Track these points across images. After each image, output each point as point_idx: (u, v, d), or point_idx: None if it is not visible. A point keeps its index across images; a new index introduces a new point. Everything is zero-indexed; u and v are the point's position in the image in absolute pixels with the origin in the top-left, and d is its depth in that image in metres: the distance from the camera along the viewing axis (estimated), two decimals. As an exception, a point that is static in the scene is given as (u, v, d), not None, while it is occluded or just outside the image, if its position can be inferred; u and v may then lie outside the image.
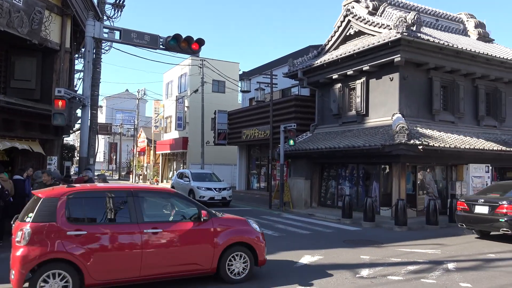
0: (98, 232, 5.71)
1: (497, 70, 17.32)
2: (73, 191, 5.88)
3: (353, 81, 17.26)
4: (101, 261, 5.61)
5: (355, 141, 15.21)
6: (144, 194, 6.46)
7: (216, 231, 6.45)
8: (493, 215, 10.31)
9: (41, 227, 5.40)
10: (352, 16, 17.76)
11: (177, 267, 6.16)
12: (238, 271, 6.56)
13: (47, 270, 5.35)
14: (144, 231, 5.93)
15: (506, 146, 16.00)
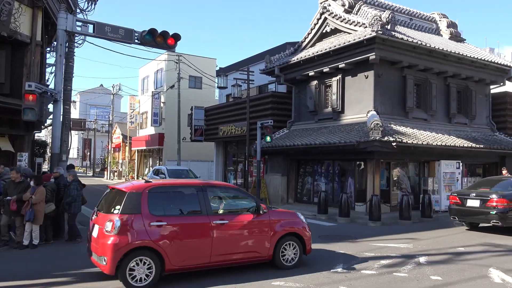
0: (176, 223, 6.37)
1: (468, 69, 17.80)
2: (152, 185, 6.55)
3: (329, 78, 17.43)
4: (179, 249, 6.27)
5: (331, 138, 15.38)
6: (211, 188, 7.13)
7: (272, 223, 7.20)
8: (484, 208, 11.01)
9: (129, 218, 6.06)
10: (328, 14, 17.90)
11: (240, 255, 6.89)
12: (289, 259, 7.32)
13: (134, 257, 5.98)
14: (213, 222, 6.61)
15: (476, 143, 16.48)
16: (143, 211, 6.18)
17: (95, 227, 6.43)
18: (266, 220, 7.15)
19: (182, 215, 6.61)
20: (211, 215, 6.69)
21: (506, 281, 6.67)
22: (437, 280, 6.70)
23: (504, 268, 7.46)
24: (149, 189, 6.42)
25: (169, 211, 6.51)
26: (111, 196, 6.70)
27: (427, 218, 13.84)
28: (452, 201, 12.06)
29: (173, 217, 6.43)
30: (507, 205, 10.72)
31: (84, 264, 7.44)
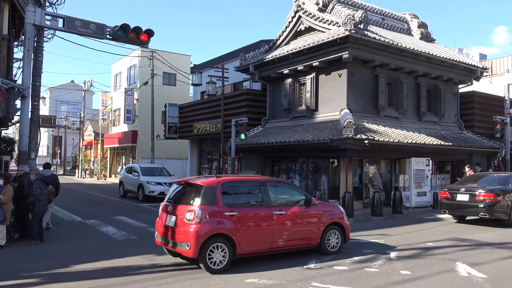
0: (245, 213, 7.32)
1: (438, 68, 18.28)
2: (224, 180, 7.52)
3: (304, 77, 17.56)
4: (247, 236, 7.18)
5: (305, 136, 15.51)
6: (270, 183, 8.08)
7: (320, 213, 8.22)
8: (473, 202, 12.14)
9: (207, 209, 6.93)
10: (302, 12, 18.02)
11: (295, 241, 7.86)
12: (333, 245, 8.34)
13: (212, 243, 6.85)
14: (274, 213, 7.57)
15: (445, 140, 16.96)
16: (218, 202, 7.09)
17: (170, 218, 7.25)
18: (315, 211, 8.18)
19: (248, 206, 7.60)
20: (272, 206, 7.65)
21: (472, 274, 6.91)
22: (406, 275, 6.87)
23: (470, 261, 7.72)
24: (222, 183, 7.35)
25: (238, 202, 7.50)
26: (186, 190, 7.64)
27: (398, 214, 14.17)
28: (443, 196, 13.08)
29: (241, 208, 7.41)
30: (494, 199, 11.85)
31: (54, 264, 7.28)
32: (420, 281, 6.56)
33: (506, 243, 9.57)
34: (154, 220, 12.75)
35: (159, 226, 7.62)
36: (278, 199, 8.03)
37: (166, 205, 7.66)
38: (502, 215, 12.04)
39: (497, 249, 8.98)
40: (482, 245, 9.34)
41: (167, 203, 7.67)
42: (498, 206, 11.89)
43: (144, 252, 8.37)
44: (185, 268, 7.21)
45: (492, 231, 11.31)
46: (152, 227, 11.36)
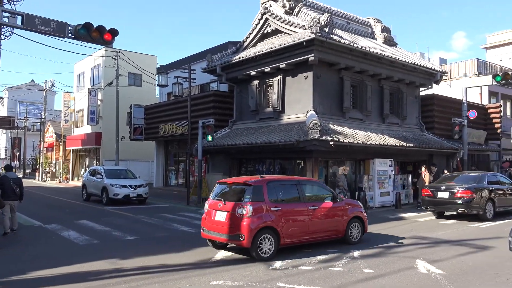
0: (286, 208, 8.38)
1: (400, 72, 18.86)
2: (269, 179, 8.69)
3: (270, 78, 17.69)
4: (289, 228, 8.24)
5: (272, 137, 15.62)
6: (304, 182, 9.38)
7: (345, 208, 9.37)
8: (452, 199, 13.42)
9: (257, 205, 7.95)
10: (269, 15, 18.15)
11: (325, 233, 9.00)
12: (355, 236, 9.47)
13: (262, 234, 7.84)
14: (308, 208, 8.68)
15: (407, 142, 17.50)
16: (265, 199, 8.12)
17: (221, 214, 8.18)
18: (341, 207, 9.31)
19: (288, 202, 8.63)
20: (306, 202, 8.77)
21: (431, 271, 7.16)
22: (369, 273, 7.04)
23: (429, 259, 8.00)
24: (267, 183, 8.44)
25: (280, 199, 8.56)
26: (235, 189, 8.61)
27: (362, 214, 14.45)
28: (425, 194, 14.32)
29: (283, 204, 8.46)
30: (471, 196, 13.16)
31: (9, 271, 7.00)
32: (382, 279, 6.74)
33: (463, 240, 9.97)
34: (119, 223, 12.56)
35: (206, 222, 8.56)
36: (311, 196, 9.16)
37: (214, 202, 8.55)
38: (478, 210, 13.29)
39: (455, 246, 9.34)
40: (441, 243, 9.69)
41: (216, 200, 8.56)
42: (474, 202, 13.15)
43: (107, 257, 8.18)
44: (149, 272, 7.10)
45: (450, 229, 11.75)
46: (116, 231, 11.15)
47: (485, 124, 24.27)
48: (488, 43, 41.10)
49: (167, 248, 9.05)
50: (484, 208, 13.34)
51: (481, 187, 13.57)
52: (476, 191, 13.30)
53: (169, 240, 10.17)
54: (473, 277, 6.80)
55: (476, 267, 7.46)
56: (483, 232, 11.36)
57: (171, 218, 13.81)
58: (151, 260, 7.92)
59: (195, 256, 8.27)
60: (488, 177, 14.39)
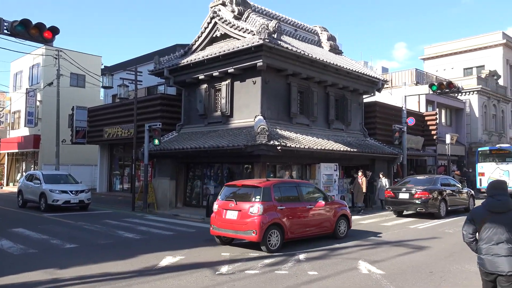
0: (289, 207, 9.62)
1: (344, 79, 19.54)
2: (275, 182, 9.99)
3: (219, 83, 17.67)
4: (291, 224, 9.46)
5: (220, 141, 15.59)
6: (301, 184, 10.86)
7: (334, 207, 10.74)
8: (412, 199, 15.08)
9: (266, 204, 9.06)
10: (218, 19, 18.15)
11: (319, 229, 10.28)
12: (343, 231, 10.87)
13: (270, 230, 8.98)
14: (306, 207, 9.97)
15: (351, 147, 18.13)
16: (272, 199, 9.29)
17: (232, 212, 9.30)
18: (331, 206, 10.61)
19: (290, 201, 9.82)
20: (304, 201, 10.07)
21: (372, 271, 7.45)
22: (313, 275, 7.20)
23: (370, 259, 8.32)
24: (273, 184, 9.65)
25: (284, 199, 9.68)
26: (244, 190, 9.74)
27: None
28: (387, 195, 16.03)
29: (287, 203, 9.66)
30: (428, 196, 14.85)
31: None
32: (326, 280, 6.92)
33: (402, 241, 10.47)
34: (58, 231, 11.96)
35: (216, 220, 9.58)
36: (308, 196, 10.42)
37: (225, 202, 9.59)
38: (434, 209, 15.03)
39: (395, 247, 9.78)
40: (382, 244, 10.12)
41: (226, 201, 9.58)
42: (430, 202, 14.90)
43: (44, 266, 7.75)
44: (90, 281, 6.81)
45: (391, 231, 12.30)
46: (55, 239, 10.61)
47: (422, 130, 25.70)
48: (426, 54, 43.64)
49: (109, 255, 8.74)
50: (439, 207, 15.11)
51: (435, 189, 15.32)
52: (431, 192, 15.00)
53: (112, 247, 9.83)
54: (410, 276, 7.16)
55: (414, 266, 7.86)
56: (421, 233, 11.99)
57: (115, 225, 13.36)
58: (92, 269, 7.61)
59: (140, 263, 8.06)
60: (441, 180, 16.43)
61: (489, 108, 35.40)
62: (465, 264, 7.99)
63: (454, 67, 40.66)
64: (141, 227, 12.94)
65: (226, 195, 9.83)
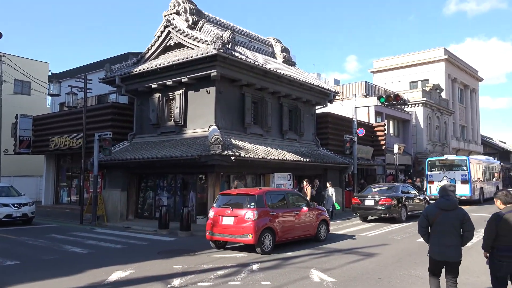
0: (279, 212, 10.58)
1: (298, 90, 19.94)
2: (267, 190, 11.16)
3: (173, 92, 17.47)
4: (281, 228, 10.47)
5: (173, 152, 15.37)
6: (288, 192, 12.15)
7: (316, 213, 11.83)
8: (377, 206, 16.50)
9: (260, 210, 9.99)
10: (172, 28, 18.00)
11: (303, 232, 11.36)
12: (323, 235, 12.02)
13: (264, 233, 9.95)
14: (293, 212, 11.03)
15: (304, 157, 18.46)
16: (265, 205, 10.29)
17: (227, 218, 10.23)
18: (313, 212, 11.72)
19: (280, 208, 10.81)
20: (292, 208, 11.17)
21: (323, 279, 7.57)
22: (267, 285, 7.22)
23: (323, 268, 8.46)
24: (266, 192, 10.76)
25: (274, 205, 10.70)
26: (239, 198, 10.67)
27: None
28: (354, 202, 17.32)
29: (277, 209, 10.66)
30: (390, 203, 16.33)
31: None
32: (279, 290, 6.96)
33: (353, 249, 10.74)
34: (-4, 247, 11.22)
35: (212, 226, 10.42)
36: (294, 203, 11.46)
37: (221, 209, 10.47)
38: (396, 214, 16.47)
39: (346, 254, 10.02)
40: (334, 252, 10.32)
41: (222, 208, 10.46)
42: (393, 207, 16.36)
43: (-19, 285, 7.26)
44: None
45: (341, 239, 12.57)
46: (-6, 256, 9.96)
47: (372, 141, 26.66)
48: (375, 67, 45.51)
49: (54, 272, 8.31)
50: (400, 212, 16.58)
51: (397, 196, 16.84)
52: (394, 198, 16.51)
53: (58, 263, 9.37)
54: (360, 283, 7.35)
55: (363, 273, 8.08)
56: (371, 240, 12.35)
57: (61, 239, 12.77)
58: (35, 287, 7.21)
59: (87, 279, 7.73)
60: (401, 187, 18.21)
61: (433, 119, 37.38)
62: (411, 269, 8.32)
63: (401, 80, 42.66)
64: (90, 240, 12.45)
65: (221, 203, 10.67)
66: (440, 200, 5.50)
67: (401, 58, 44.23)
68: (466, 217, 5.35)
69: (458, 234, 5.35)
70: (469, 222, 5.35)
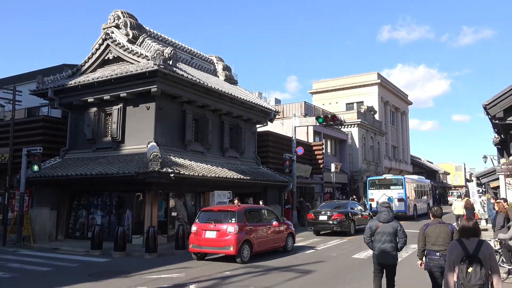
0: (255, 226, 11.99)
1: (239, 109, 20.12)
2: (244, 207, 12.49)
3: (110, 107, 16.92)
4: (257, 240, 11.86)
5: (109, 168, 14.80)
6: (262, 208, 13.72)
7: (285, 227, 13.42)
8: (330, 220, 18.10)
9: (240, 225, 11.36)
10: (111, 41, 17.53)
11: (274, 244, 12.77)
12: (290, 246, 13.51)
13: (243, 245, 11.28)
14: (266, 226, 12.48)
15: (244, 175, 18.55)
16: (244, 221, 11.55)
17: (210, 232, 11.43)
18: (282, 226, 13.37)
19: (255, 223, 12.18)
20: (264, 222, 12.62)
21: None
22: (203, 306, 7.09)
23: (261, 285, 8.48)
24: (244, 209, 12.05)
25: (251, 220, 12.04)
26: (221, 214, 11.93)
27: (201, 246, 14.62)
28: (309, 218, 18.85)
29: (253, 224, 12.02)
30: (342, 218, 18.01)
31: None
32: (216, 310, 6.85)
33: (291, 266, 10.88)
34: None
35: (195, 240, 11.63)
36: (267, 218, 12.98)
37: (203, 224, 11.73)
38: (347, 228, 18.15)
39: (283, 272, 10.11)
40: (272, 270, 10.38)
41: (205, 223, 11.73)
42: (344, 222, 18.05)
43: None
44: None
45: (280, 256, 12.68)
46: None
47: (310, 159, 27.41)
48: (314, 88, 47.15)
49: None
50: (350, 226, 18.32)
51: (347, 212, 18.62)
52: (344, 214, 18.25)
53: (-26, 289, 8.59)
54: None
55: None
56: (309, 257, 12.58)
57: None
58: None
59: (8, 305, 7.13)
60: (350, 204, 19.99)
61: (368, 140, 39.27)
62: (346, 285, 8.56)
63: (338, 102, 44.54)
64: (13, 263, 11.54)
65: (204, 219, 11.97)
66: (379, 214, 6.95)
67: (338, 80, 46.25)
68: (399, 228, 6.81)
69: (394, 242, 6.73)
70: (402, 231, 6.78)
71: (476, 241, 4.40)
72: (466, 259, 4.27)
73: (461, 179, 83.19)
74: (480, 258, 4.25)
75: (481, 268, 4.20)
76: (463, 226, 4.59)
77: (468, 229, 4.52)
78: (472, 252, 4.30)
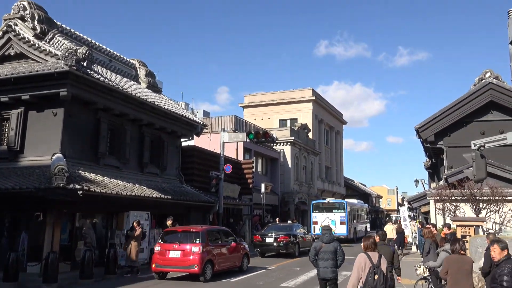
0: (217, 246, 14.01)
1: (162, 120, 19.73)
2: (207, 228, 14.72)
3: (8, 110, 15.76)
4: (218, 259, 13.76)
5: (3, 183, 13.69)
6: (222, 229, 16.19)
7: (242, 247, 15.61)
8: (276, 242, 20.35)
9: (203, 245, 13.11)
10: (14, 35, 16.45)
11: (232, 263, 14.80)
12: (245, 266, 15.60)
13: (206, 264, 13.06)
14: (226, 247, 14.50)
15: (165, 193, 18.10)
16: (207, 241, 13.34)
17: (174, 252, 13.03)
18: (240, 246, 15.37)
19: (217, 243, 14.11)
20: (225, 243, 14.58)
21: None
22: None
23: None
24: (207, 230, 14.04)
25: (212, 241, 13.89)
26: (185, 234, 13.66)
27: (111, 275, 13.95)
28: (256, 240, 21.13)
29: (215, 244, 13.93)
30: (288, 240, 20.36)
31: None
32: None
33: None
34: None
35: (159, 259, 13.02)
36: (226, 239, 14.79)
37: (167, 245, 13.18)
38: (291, 250, 20.51)
39: None
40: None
41: (170, 243, 13.22)
42: (290, 244, 20.38)
43: None
44: None
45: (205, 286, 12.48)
46: None
47: (239, 178, 27.52)
48: (246, 102, 47.78)
49: None
50: (295, 248, 20.71)
51: (292, 234, 20.97)
52: (290, 236, 20.58)
53: None
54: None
55: None
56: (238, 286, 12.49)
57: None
58: None
59: None
60: (295, 227, 22.68)
61: (300, 159, 40.37)
62: None
63: (270, 117, 45.47)
64: None
65: (167, 239, 13.42)
66: (322, 236, 8.61)
67: (272, 95, 47.32)
68: (339, 248, 8.48)
69: (335, 259, 8.36)
70: (341, 251, 8.48)
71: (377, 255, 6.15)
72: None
73: (393, 203, 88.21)
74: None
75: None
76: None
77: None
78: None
